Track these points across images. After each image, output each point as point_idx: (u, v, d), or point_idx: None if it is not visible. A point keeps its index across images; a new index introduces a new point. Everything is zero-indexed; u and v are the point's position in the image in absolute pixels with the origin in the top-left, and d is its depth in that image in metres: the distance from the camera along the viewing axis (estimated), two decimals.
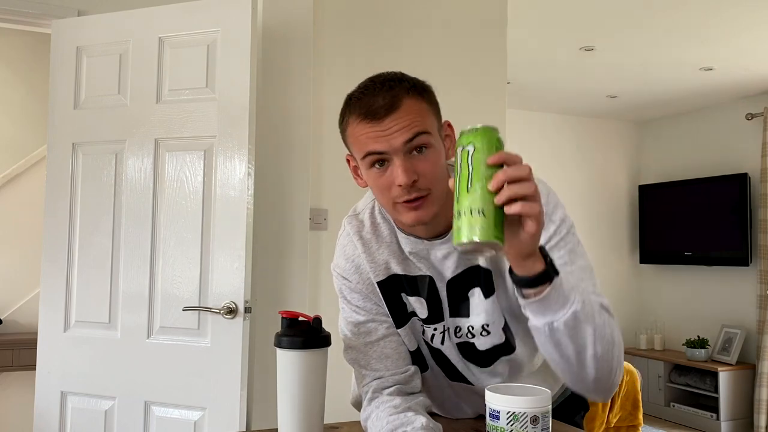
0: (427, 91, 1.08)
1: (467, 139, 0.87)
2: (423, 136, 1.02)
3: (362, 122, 1.03)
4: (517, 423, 0.94)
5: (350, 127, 1.06)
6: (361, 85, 1.07)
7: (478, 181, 0.85)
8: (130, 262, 2.23)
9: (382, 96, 1.02)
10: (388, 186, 1.04)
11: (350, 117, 1.06)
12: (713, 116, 5.40)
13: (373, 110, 1.02)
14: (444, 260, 1.13)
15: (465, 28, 3.14)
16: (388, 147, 1.01)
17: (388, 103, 1.02)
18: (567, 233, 1.07)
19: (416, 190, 1.02)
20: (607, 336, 0.97)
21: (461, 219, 0.85)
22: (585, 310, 0.93)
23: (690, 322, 5.48)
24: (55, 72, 2.37)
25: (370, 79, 1.08)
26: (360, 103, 1.04)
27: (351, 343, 1.19)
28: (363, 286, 1.18)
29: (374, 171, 1.05)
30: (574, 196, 5.76)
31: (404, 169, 1.01)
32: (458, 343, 1.19)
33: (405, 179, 1.00)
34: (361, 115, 1.03)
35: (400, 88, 1.04)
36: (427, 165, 1.03)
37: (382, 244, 1.17)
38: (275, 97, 2.53)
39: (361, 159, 1.06)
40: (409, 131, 1.01)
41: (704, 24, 3.60)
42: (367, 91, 1.05)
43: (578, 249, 1.08)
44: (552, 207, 1.08)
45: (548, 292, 0.90)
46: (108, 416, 2.22)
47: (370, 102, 1.03)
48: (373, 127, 1.02)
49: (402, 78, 1.07)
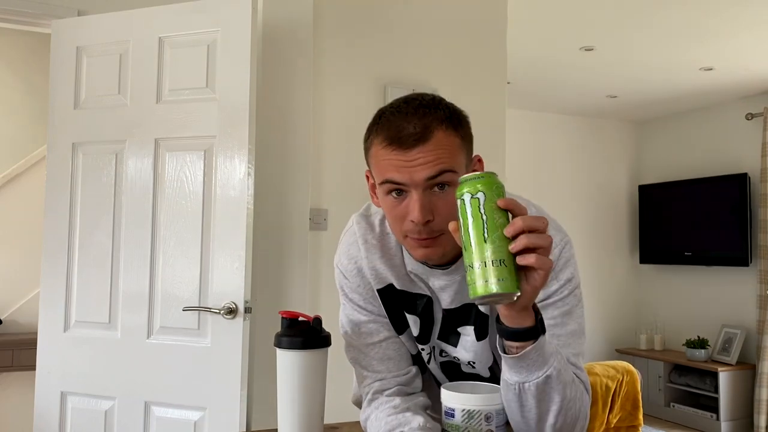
0: (462, 124, 1.02)
1: (474, 186, 0.84)
2: (447, 174, 0.97)
3: (388, 147, 0.98)
4: (472, 420, 0.96)
5: (374, 148, 1.01)
6: (395, 104, 1.01)
7: (494, 230, 0.82)
8: (130, 262, 2.23)
9: (414, 123, 0.96)
10: (402, 217, 1.00)
11: (377, 137, 1.00)
12: (713, 116, 5.40)
13: (402, 138, 0.96)
14: (442, 291, 1.11)
15: (465, 28, 3.14)
16: (409, 179, 0.97)
17: (419, 132, 0.96)
18: (569, 294, 1.05)
19: (428, 231, 0.99)
20: (573, 411, 0.96)
21: (479, 270, 0.82)
22: (559, 378, 0.92)
23: (690, 322, 5.48)
24: (55, 72, 2.37)
25: (404, 99, 1.01)
26: (389, 126, 0.98)
27: (352, 342, 1.18)
28: (364, 290, 1.17)
29: (390, 198, 1.01)
30: (574, 196, 5.77)
31: (421, 206, 0.96)
32: (442, 362, 1.19)
33: (420, 217, 0.97)
34: (388, 138, 0.98)
35: (434, 118, 0.97)
36: (446, 205, 0.97)
37: (385, 254, 1.14)
38: (275, 97, 2.54)
39: (379, 183, 1.01)
40: (435, 167, 0.96)
41: (704, 24, 3.60)
42: (399, 113, 0.99)
43: (575, 311, 1.06)
44: (563, 263, 1.05)
45: (529, 350, 0.88)
46: (108, 416, 2.22)
47: (400, 127, 0.97)
48: (398, 156, 0.97)
49: (438, 105, 1.00)
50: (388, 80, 2.95)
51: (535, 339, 0.88)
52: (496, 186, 0.84)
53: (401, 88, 2.95)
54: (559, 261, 1.05)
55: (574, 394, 0.97)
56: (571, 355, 1.03)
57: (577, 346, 1.05)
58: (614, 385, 2.60)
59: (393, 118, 0.99)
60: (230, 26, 2.19)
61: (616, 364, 2.71)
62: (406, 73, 3.01)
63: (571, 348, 1.04)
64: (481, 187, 0.84)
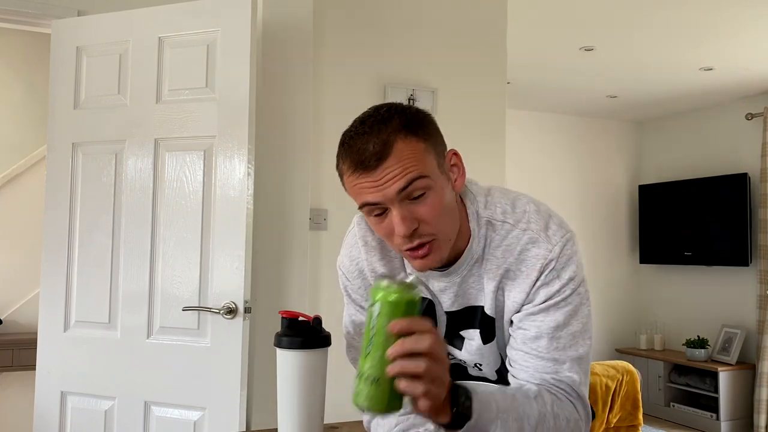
0: (423, 126, 0.99)
1: (375, 295, 0.84)
2: (418, 182, 0.96)
3: (354, 173, 0.97)
4: None
5: (345, 176, 1.01)
6: (353, 126, 1.01)
7: (377, 349, 0.81)
8: (130, 262, 2.23)
9: (373, 142, 0.95)
10: (390, 233, 1.00)
11: (344, 165, 1.00)
12: (713, 116, 5.40)
13: (364, 160, 0.96)
14: (441, 293, 1.11)
15: (465, 28, 3.14)
16: (383, 198, 0.96)
17: (379, 150, 0.95)
18: (572, 293, 1.04)
19: (418, 237, 0.98)
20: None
21: (357, 380, 0.83)
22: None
23: (690, 322, 5.48)
24: (55, 72, 2.37)
25: (361, 118, 1.01)
26: (351, 151, 0.98)
27: (353, 343, 1.18)
28: (365, 291, 1.17)
29: (374, 219, 1.01)
30: (574, 196, 5.77)
31: (402, 219, 0.96)
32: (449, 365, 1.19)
33: (404, 230, 0.96)
34: (352, 165, 0.97)
35: (390, 130, 0.96)
36: (427, 210, 0.97)
37: (385, 256, 1.14)
38: (275, 97, 2.53)
39: (359, 208, 1.02)
40: (402, 179, 0.95)
41: (704, 24, 3.60)
42: (357, 135, 0.98)
43: (580, 310, 1.05)
44: (565, 260, 1.04)
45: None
46: (108, 416, 2.22)
47: (361, 149, 0.96)
48: (366, 178, 0.96)
49: (394, 114, 0.98)
50: (388, 80, 2.95)
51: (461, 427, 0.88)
52: (398, 303, 0.83)
53: (401, 88, 2.95)
54: (560, 259, 1.04)
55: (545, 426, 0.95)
56: (568, 359, 1.02)
57: (579, 347, 1.04)
58: (614, 385, 2.60)
59: (353, 142, 0.98)
60: (230, 26, 2.19)
61: (616, 364, 2.71)
62: (406, 73, 3.01)
63: (572, 350, 1.03)
64: (381, 298, 0.83)
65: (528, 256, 1.04)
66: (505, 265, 1.05)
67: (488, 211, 1.09)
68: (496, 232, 1.07)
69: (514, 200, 1.10)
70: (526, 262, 1.04)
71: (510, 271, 1.05)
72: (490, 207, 1.09)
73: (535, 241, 1.05)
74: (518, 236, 1.06)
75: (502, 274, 1.06)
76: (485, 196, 1.11)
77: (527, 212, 1.08)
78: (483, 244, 1.07)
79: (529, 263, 1.04)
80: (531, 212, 1.07)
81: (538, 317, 1.04)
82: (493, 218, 1.08)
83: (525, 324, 1.04)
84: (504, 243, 1.06)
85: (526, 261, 1.05)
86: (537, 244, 1.04)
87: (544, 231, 1.05)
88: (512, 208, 1.08)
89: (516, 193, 1.13)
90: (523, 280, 1.04)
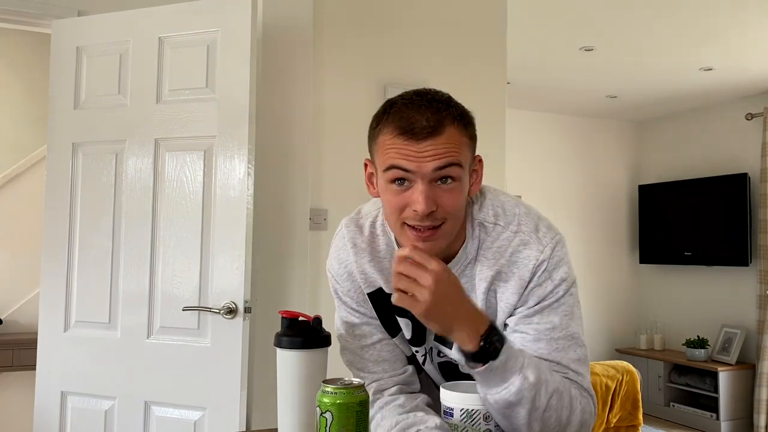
0: (471, 124, 1.04)
1: (324, 403, 0.84)
2: (454, 168, 0.98)
3: (399, 136, 0.98)
4: (470, 420, 0.96)
5: (382, 136, 1.01)
6: (406, 96, 1.02)
7: None
8: (130, 262, 2.23)
9: (427, 117, 0.97)
10: (403, 206, 1.00)
11: (386, 126, 1.00)
12: (713, 116, 5.40)
13: (415, 129, 0.97)
14: None
15: (465, 28, 3.14)
16: (417, 169, 0.97)
17: (432, 126, 0.97)
18: (564, 294, 1.05)
19: (431, 219, 0.99)
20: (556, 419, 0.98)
21: None
22: (520, 395, 0.94)
23: (690, 322, 5.48)
24: (55, 72, 2.37)
25: (416, 92, 1.02)
26: (401, 116, 0.99)
27: (346, 345, 1.18)
28: (355, 293, 1.17)
29: (393, 187, 1.01)
30: (574, 196, 5.76)
31: (426, 197, 0.97)
32: (440, 362, 1.19)
33: (424, 208, 0.97)
34: (399, 128, 0.98)
35: (447, 114, 0.99)
36: (449, 198, 0.99)
37: (374, 257, 1.15)
38: (275, 97, 2.53)
39: (383, 170, 1.01)
40: (443, 159, 0.97)
41: (704, 24, 3.60)
42: (412, 105, 0.99)
43: (574, 311, 1.06)
44: (555, 262, 1.05)
45: (482, 370, 0.93)
46: (108, 416, 2.22)
47: (413, 119, 0.98)
48: (409, 146, 0.98)
49: (450, 103, 1.02)
50: (388, 80, 2.95)
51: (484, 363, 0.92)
52: (348, 409, 0.83)
53: (401, 88, 2.92)
54: (551, 260, 1.05)
55: (558, 402, 0.97)
56: (572, 362, 1.03)
57: (579, 349, 1.04)
58: (614, 385, 2.60)
59: (405, 109, 1.00)
60: (230, 26, 2.19)
61: (616, 363, 2.71)
62: (406, 73, 3.00)
63: (572, 352, 1.04)
64: (330, 406, 0.83)
65: (519, 258, 1.05)
66: (497, 266, 1.06)
67: (481, 213, 1.10)
68: (488, 235, 1.08)
69: (504, 203, 1.11)
70: (518, 264, 1.05)
71: (502, 273, 1.06)
72: (483, 210, 1.10)
73: (527, 243, 1.06)
74: (509, 238, 1.07)
75: (494, 275, 1.07)
76: (479, 198, 1.12)
77: (517, 215, 1.09)
78: (476, 246, 1.08)
79: (520, 264, 1.05)
80: (521, 215, 1.09)
81: (533, 319, 1.04)
82: (486, 221, 1.09)
83: (521, 327, 1.05)
84: (495, 245, 1.07)
85: (518, 263, 1.05)
86: (528, 246, 1.05)
87: (535, 233, 1.06)
88: (503, 211, 1.10)
89: (505, 195, 1.14)
90: (516, 281, 1.05)
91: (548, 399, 0.96)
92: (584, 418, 1.01)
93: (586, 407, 1.02)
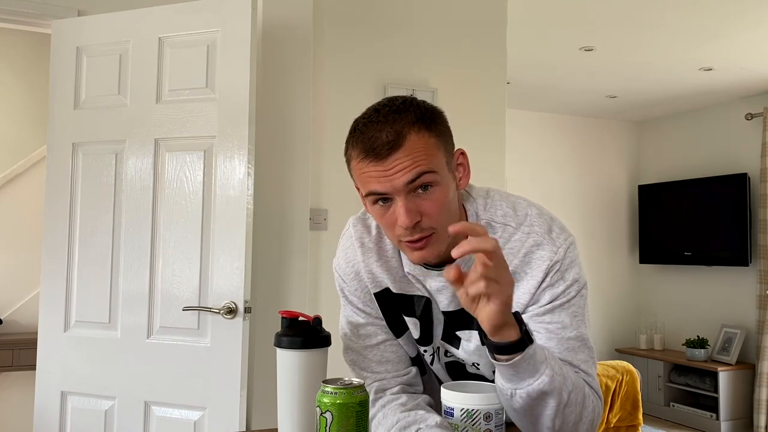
0: (436, 122, 1.01)
1: (324, 403, 0.84)
2: (426, 176, 0.97)
3: (364, 159, 0.98)
4: (471, 420, 0.96)
5: (353, 161, 1.01)
6: (367, 114, 1.01)
7: None
8: (130, 262, 2.23)
9: (386, 131, 0.96)
10: (392, 224, 1.01)
11: (353, 150, 1.01)
12: (713, 116, 5.40)
13: (375, 148, 0.96)
14: (438, 293, 1.11)
15: (465, 28, 3.14)
16: (390, 188, 0.97)
17: (392, 140, 0.96)
18: (576, 295, 1.05)
19: (419, 231, 0.99)
20: (574, 415, 0.97)
21: None
22: (552, 385, 0.92)
23: (690, 322, 5.48)
24: (55, 72, 2.37)
25: (375, 107, 1.01)
26: (363, 138, 0.99)
27: (350, 345, 1.18)
28: (362, 293, 1.17)
29: (378, 208, 1.01)
30: (574, 196, 5.77)
31: (406, 210, 0.97)
32: (447, 362, 1.18)
33: (407, 222, 0.97)
34: (363, 151, 0.98)
35: (405, 122, 0.97)
36: (431, 204, 0.98)
37: (382, 257, 1.14)
38: (275, 97, 2.54)
39: (364, 196, 1.02)
40: (412, 171, 0.96)
41: (704, 24, 3.60)
42: (370, 123, 0.99)
43: (584, 313, 1.06)
44: (568, 263, 1.05)
45: (518, 360, 0.90)
46: (108, 416, 2.22)
47: (373, 137, 0.97)
48: (375, 166, 0.97)
49: (409, 106, 1.00)
50: (388, 80, 2.95)
51: (522, 350, 0.89)
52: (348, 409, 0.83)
53: (401, 88, 2.95)
54: (564, 261, 1.04)
55: (575, 398, 0.97)
56: (582, 363, 1.03)
57: (588, 351, 1.05)
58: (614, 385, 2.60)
59: (365, 129, 0.99)
60: (230, 26, 2.19)
61: (616, 363, 2.71)
62: (406, 73, 3.01)
63: (582, 353, 1.03)
64: (330, 406, 0.83)
65: (533, 258, 1.05)
66: (510, 268, 1.06)
67: (488, 213, 1.09)
68: (497, 235, 1.07)
69: (515, 203, 1.10)
70: (531, 264, 1.05)
71: (515, 273, 1.05)
72: (490, 209, 1.09)
73: (540, 244, 1.05)
74: (522, 239, 1.06)
75: None
76: (484, 198, 1.11)
77: (529, 215, 1.08)
78: None
79: (534, 265, 1.05)
80: (533, 215, 1.08)
81: (545, 318, 1.04)
82: (493, 220, 1.08)
83: (532, 326, 1.04)
84: (507, 246, 1.06)
85: (531, 263, 1.05)
86: (542, 247, 1.05)
87: (548, 234, 1.06)
88: (513, 211, 1.09)
89: (515, 196, 1.13)
90: (528, 281, 1.05)
91: (569, 394, 0.96)
92: (594, 418, 1.01)
93: (596, 407, 1.02)
